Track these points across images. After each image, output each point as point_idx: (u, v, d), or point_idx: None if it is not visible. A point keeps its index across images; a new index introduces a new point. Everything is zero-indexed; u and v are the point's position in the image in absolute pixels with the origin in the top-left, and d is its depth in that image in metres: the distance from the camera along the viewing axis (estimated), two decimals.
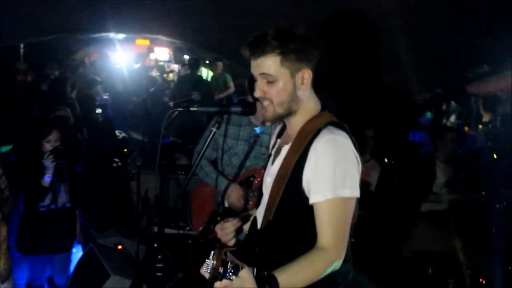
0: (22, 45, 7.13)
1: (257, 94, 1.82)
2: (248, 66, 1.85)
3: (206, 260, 1.55)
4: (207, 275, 1.56)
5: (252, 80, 1.89)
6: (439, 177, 4.58)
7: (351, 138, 1.78)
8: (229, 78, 8.37)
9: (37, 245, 3.68)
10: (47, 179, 3.61)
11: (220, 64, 8.52)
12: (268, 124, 3.16)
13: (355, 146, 1.78)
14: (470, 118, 7.78)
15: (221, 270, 1.52)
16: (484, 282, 3.55)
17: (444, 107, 7.55)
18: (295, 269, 1.68)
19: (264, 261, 1.77)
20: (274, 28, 1.78)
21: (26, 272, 3.87)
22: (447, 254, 3.98)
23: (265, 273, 1.64)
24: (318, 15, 5.06)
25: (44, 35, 7.24)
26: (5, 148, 4.09)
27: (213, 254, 1.54)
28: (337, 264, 1.73)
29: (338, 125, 1.80)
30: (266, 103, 1.82)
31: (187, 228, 4.52)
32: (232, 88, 8.25)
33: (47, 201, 3.70)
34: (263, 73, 1.78)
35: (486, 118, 7.70)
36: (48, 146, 3.68)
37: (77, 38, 8.71)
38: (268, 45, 1.74)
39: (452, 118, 7.38)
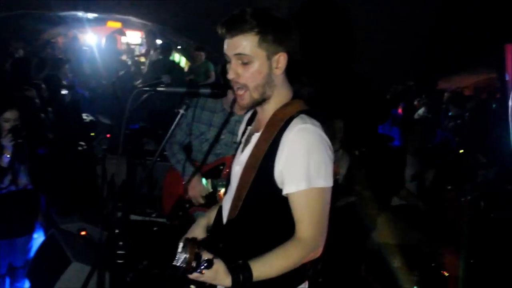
0: None
1: (230, 75, 1.74)
2: (221, 52, 1.78)
3: (177, 252, 1.49)
4: (178, 267, 1.50)
5: (225, 67, 1.82)
6: (407, 170, 4.62)
7: (322, 126, 1.74)
8: (211, 66, 8.24)
9: None
10: (5, 159, 3.49)
11: (202, 54, 8.36)
12: (242, 112, 3.11)
13: (326, 134, 1.73)
14: (438, 113, 7.91)
15: (194, 264, 1.47)
16: (447, 275, 3.60)
17: (415, 101, 7.65)
18: (270, 258, 1.64)
19: (231, 254, 1.71)
20: (253, 8, 1.71)
21: None
22: (412, 247, 4.03)
23: (240, 262, 1.60)
24: (293, 2, 5.02)
25: (9, 10, 6.95)
26: None
27: (183, 246, 1.49)
28: (314, 254, 1.71)
29: (310, 114, 1.74)
30: (240, 91, 1.75)
31: (153, 215, 4.45)
32: (213, 77, 8.13)
33: (6, 182, 3.58)
34: (238, 54, 1.70)
35: (453, 113, 7.84)
36: (6, 126, 3.55)
37: (45, 16, 8.41)
38: (246, 23, 1.67)
39: (421, 111, 7.48)
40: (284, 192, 1.70)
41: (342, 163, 4.51)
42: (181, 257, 1.47)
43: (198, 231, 2.05)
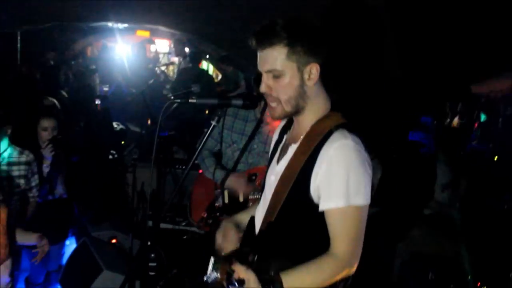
0: (19, 33, 7.01)
1: (262, 89, 1.73)
2: (250, 59, 1.77)
3: (209, 268, 1.47)
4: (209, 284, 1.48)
5: (258, 77, 1.81)
6: (440, 179, 4.51)
7: (362, 141, 1.70)
8: (240, 76, 8.22)
9: None
10: (44, 169, 3.56)
11: (230, 64, 8.35)
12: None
13: (366, 150, 1.70)
14: (473, 119, 7.71)
15: (225, 283, 1.46)
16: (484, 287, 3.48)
17: (447, 108, 7.48)
18: (302, 272, 1.62)
19: (262, 265, 1.69)
20: (283, 18, 1.68)
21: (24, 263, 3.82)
22: (448, 258, 3.91)
23: (272, 274, 1.58)
24: (323, 8, 4.96)
25: (42, 23, 7.12)
26: None
27: (214, 262, 1.47)
28: (347, 272, 1.67)
29: (349, 128, 1.71)
30: (273, 103, 1.74)
31: (183, 224, 4.46)
32: (243, 87, 8.11)
33: (44, 192, 3.64)
34: (269, 69, 1.69)
35: (486, 119, 7.62)
36: (45, 135, 3.62)
37: (76, 26, 8.59)
38: (275, 36, 1.65)
39: (456, 119, 7.30)
40: (321, 208, 1.67)
41: (375, 174, 4.43)
42: (212, 276, 1.45)
43: (228, 232, 2.01)
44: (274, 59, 1.66)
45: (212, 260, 1.47)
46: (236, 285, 1.47)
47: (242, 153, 3.21)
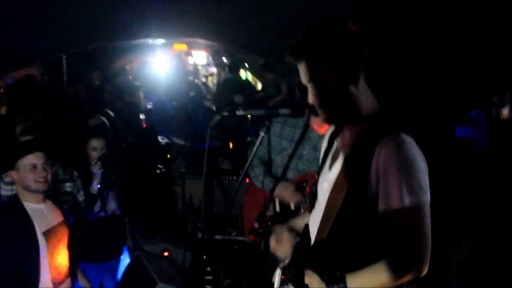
0: (64, 57, 7.29)
1: (310, 100, 1.73)
2: (288, 65, 1.78)
3: (276, 282, 1.46)
4: None
5: (301, 85, 1.80)
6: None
7: (415, 140, 1.65)
8: (281, 82, 8.24)
9: (89, 254, 3.68)
10: (95, 186, 3.64)
11: (269, 70, 8.39)
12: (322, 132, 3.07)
13: (419, 148, 1.65)
14: None
15: None
16: None
17: (495, 99, 7.20)
18: (367, 273, 1.59)
19: (320, 274, 1.66)
20: (310, 29, 1.69)
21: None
22: None
23: (338, 273, 1.57)
24: (352, 9, 4.89)
25: (85, 45, 7.37)
26: None
27: (282, 274, 1.46)
28: (415, 274, 1.60)
29: (400, 128, 1.66)
30: (320, 110, 1.73)
31: (233, 234, 4.47)
32: (284, 93, 8.12)
33: (96, 209, 3.73)
34: (309, 80, 1.70)
35: None
36: (94, 154, 3.71)
37: (117, 46, 8.84)
38: (308, 49, 1.66)
39: (506, 111, 7.00)
40: (382, 209, 1.61)
41: None
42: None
43: (282, 236, 2.01)
44: (311, 71, 1.68)
45: (279, 272, 1.45)
46: None
47: (291, 160, 3.18)
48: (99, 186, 3.65)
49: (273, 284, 1.55)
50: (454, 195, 4.07)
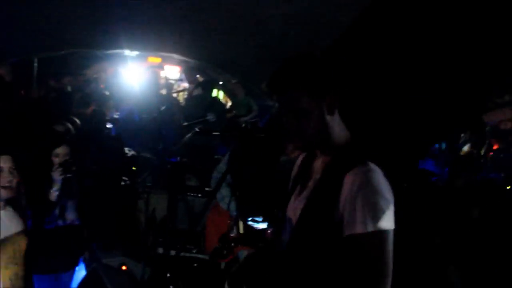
0: (36, 59, 7.16)
1: (287, 127, 1.79)
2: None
3: None
4: None
5: (279, 110, 1.86)
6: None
7: (381, 171, 1.72)
8: (252, 102, 8.31)
9: (44, 264, 3.58)
10: (53, 192, 3.55)
11: (241, 90, 8.46)
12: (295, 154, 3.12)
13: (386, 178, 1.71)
14: (482, 148, 7.67)
15: None
16: None
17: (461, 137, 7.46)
18: None
19: None
20: (289, 61, 1.76)
21: None
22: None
23: None
24: (330, 37, 5.03)
25: (58, 50, 7.27)
26: None
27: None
28: None
29: (370, 158, 1.73)
30: (298, 138, 1.78)
31: (194, 251, 4.43)
32: (255, 112, 8.16)
33: (54, 217, 3.63)
34: (290, 110, 1.75)
35: (496, 147, 7.58)
36: (56, 160, 3.64)
37: (91, 53, 8.75)
38: (287, 79, 1.72)
39: (466, 147, 7.27)
40: (347, 233, 1.65)
41: None
42: None
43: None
44: (293, 100, 1.73)
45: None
46: None
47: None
48: (58, 193, 3.56)
49: None
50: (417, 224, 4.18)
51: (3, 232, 2.71)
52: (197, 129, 1.96)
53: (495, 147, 7.61)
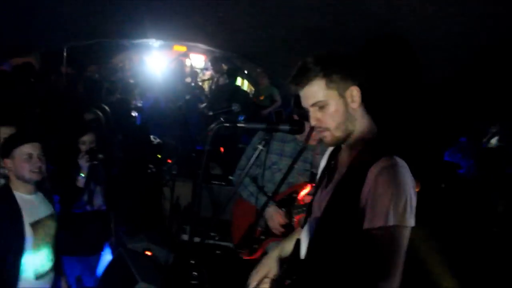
0: (65, 49, 7.30)
1: (312, 123, 1.81)
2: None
3: None
4: None
5: (297, 99, 1.87)
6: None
7: (408, 165, 1.72)
8: (276, 91, 8.30)
9: (72, 247, 3.66)
10: (81, 179, 3.64)
11: (266, 79, 8.47)
12: (314, 143, 3.12)
13: (410, 174, 1.71)
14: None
15: None
16: None
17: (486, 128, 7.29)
18: None
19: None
20: (312, 55, 1.79)
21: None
22: None
23: None
24: (358, 29, 4.97)
25: (87, 39, 7.39)
26: None
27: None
28: None
29: (395, 152, 1.73)
30: (324, 133, 1.80)
31: (216, 238, 4.49)
32: (279, 102, 8.16)
33: (82, 202, 3.72)
34: (313, 103, 1.78)
35: None
36: (83, 148, 3.72)
37: (117, 43, 8.86)
38: (310, 71, 1.75)
39: (494, 140, 7.11)
40: (365, 227, 1.67)
41: None
42: None
43: (270, 263, 2.05)
44: (315, 93, 1.76)
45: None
46: None
47: (289, 174, 3.19)
48: (85, 179, 3.64)
49: None
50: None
51: (36, 215, 2.82)
52: (222, 119, 1.98)
53: None
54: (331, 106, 1.76)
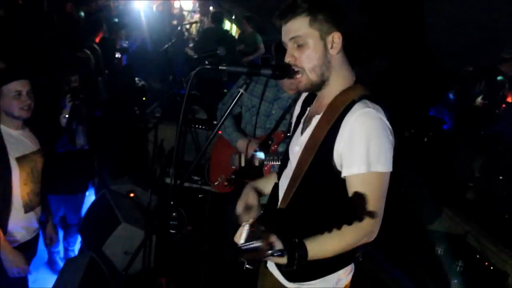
0: None
1: (287, 59, 1.77)
2: (273, 23, 1.81)
3: (243, 237, 1.47)
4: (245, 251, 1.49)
5: (279, 46, 1.85)
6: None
7: (384, 111, 1.72)
8: (259, 39, 8.14)
9: (57, 185, 3.69)
10: (63, 118, 3.61)
11: (248, 25, 8.29)
12: (292, 92, 3.11)
13: (388, 120, 1.71)
14: (496, 100, 7.53)
15: (268, 252, 1.47)
16: (491, 267, 3.52)
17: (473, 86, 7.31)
18: (325, 239, 1.65)
19: (286, 234, 1.74)
20: None
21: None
22: (457, 236, 3.96)
23: (296, 239, 1.62)
24: None
25: None
26: None
27: (251, 231, 1.47)
28: (367, 239, 1.70)
29: (372, 99, 1.73)
30: (298, 75, 1.77)
31: (199, 182, 4.54)
32: (262, 50, 8.03)
33: (64, 141, 3.71)
34: (292, 37, 1.74)
35: (510, 100, 7.44)
36: (66, 87, 3.66)
37: None
38: (297, 7, 1.71)
39: (479, 98, 7.15)
40: (343, 174, 1.70)
41: None
42: (253, 245, 1.44)
43: (251, 196, 2.09)
44: (297, 28, 1.72)
45: (247, 228, 1.48)
46: (279, 254, 1.51)
47: (267, 119, 3.22)
48: (66, 118, 3.62)
49: (230, 236, 1.60)
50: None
51: (22, 150, 2.83)
52: (206, 63, 1.95)
53: (509, 99, 7.48)
54: (310, 46, 1.72)
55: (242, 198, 2.10)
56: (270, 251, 1.47)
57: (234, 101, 1.93)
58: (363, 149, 1.64)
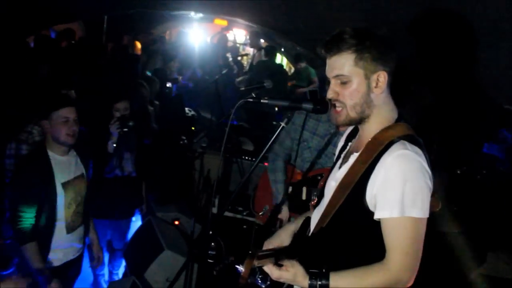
0: (105, 18, 7.41)
1: (329, 95, 1.75)
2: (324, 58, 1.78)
3: (236, 266, 1.54)
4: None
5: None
6: None
7: (424, 154, 1.66)
8: (313, 72, 8.17)
9: (104, 209, 3.79)
10: (110, 145, 3.73)
11: (301, 63, 8.35)
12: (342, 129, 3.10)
13: (428, 163, 1.65)
14: None
15: (249, 279, 1.52)
16: None
17: None
18: (351, 275, 1.63)
19: (311, 265, 1.70)
20: (353, 27, 1.71)
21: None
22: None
23: (323, 269, 1.62)
24: (402, 15, 4.82)
25: (127, 9, 7.45)
26: None
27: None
28: (403, 285, 1.64)
29: (412, 140, 1.67)
30: (338, 108, 1.74)
31: (244, 213, 4.54)
32: (316, 83, 8.05)
33: (111, 167, 3.81)
34: (336, 75, 1.71)
35: None
36: (116, 115, 3.79)
37: (158, 13, 8.91)
38: (344, 42, 1.67)
39: None
40: (376, 217, 1.65)
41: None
42: (238, 269, 1.51)
43: (283, 235, 2.07)
44: (342, 65, 1.69)
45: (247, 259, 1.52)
46: (259, 281, 1.54)
47: (318, 155, 3.21)
48: (114, 145, 3.71)
49: None
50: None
51: (68, 175, 2.98)
52: (250, 99, 1.97)
53: None
54: (353, 84, 1.69)
55: (272, 240, 2.09)
56: (248, 277, 1.53)
57: (275, 135, 1.93)
58: (398, 192, 1.59)
